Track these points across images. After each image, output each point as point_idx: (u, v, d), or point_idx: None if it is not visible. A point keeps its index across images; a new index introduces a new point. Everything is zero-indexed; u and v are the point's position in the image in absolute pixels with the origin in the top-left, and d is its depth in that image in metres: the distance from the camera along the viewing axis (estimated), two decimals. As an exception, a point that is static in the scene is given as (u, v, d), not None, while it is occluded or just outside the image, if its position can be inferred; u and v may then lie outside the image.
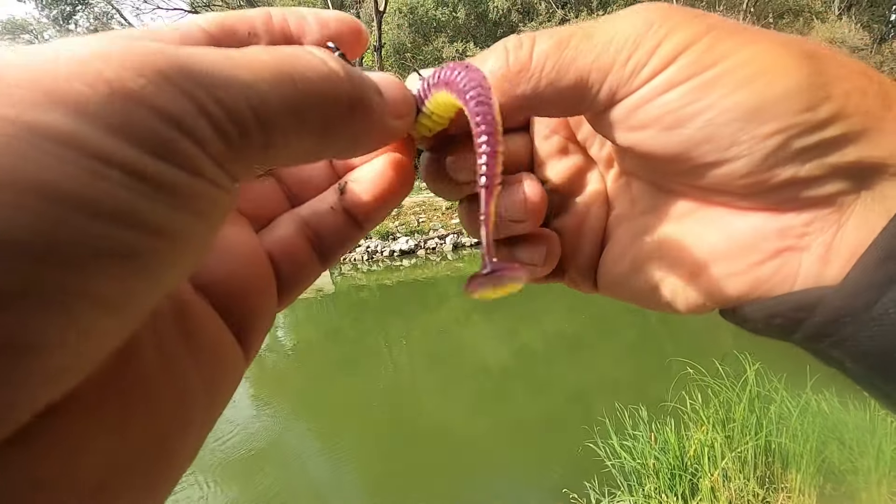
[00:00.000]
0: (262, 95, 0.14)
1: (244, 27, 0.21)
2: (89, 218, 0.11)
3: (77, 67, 0.12)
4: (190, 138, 0.13)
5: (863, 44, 26.15)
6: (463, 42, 21.48)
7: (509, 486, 4.37)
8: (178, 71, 0.13)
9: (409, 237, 15.00)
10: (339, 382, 7.13)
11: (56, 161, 0.10)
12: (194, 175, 0.13)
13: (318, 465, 5.11)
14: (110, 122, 0.11)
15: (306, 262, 0.24)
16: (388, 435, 5.51)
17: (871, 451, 2.72)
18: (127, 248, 0.11)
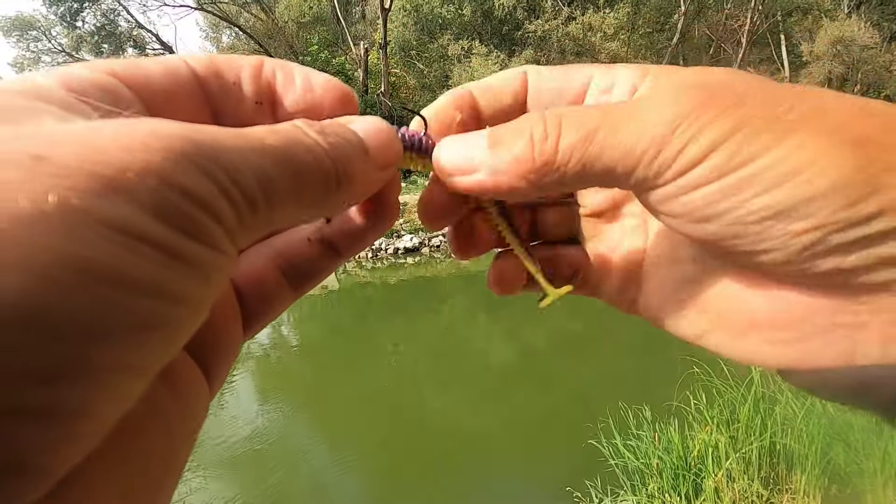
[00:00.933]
0: (269, 176, 0.16)
1: (231, 75, 0.22)
2: (129, 294, 0.12)
3: (126, 156, 0.13)
4: (211, 216, 0.14)
5: (872, 42, 25.88)
6: (468, 39, 21.42)
7: (512, 485, 4.37)
8: (203, 155, 0.14)
9: (413, 235, 15.01)
10: (343, 379, 7.14)
11: (107, 243, 0.12)
12: (213, 249, 0.14)
13: (322, 461, 5.12)
14: (151, 205, 0.13)
15: (277, 292, 0.24)
16: (391, 432, 5.52)
17: (878, 454, 2.70)
18: (159, 318, 0.13)
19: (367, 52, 23.69)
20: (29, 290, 0.10)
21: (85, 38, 24.12)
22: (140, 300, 0.12)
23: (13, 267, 0.10)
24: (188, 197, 0.13)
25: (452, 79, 20.72)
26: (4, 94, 0.15)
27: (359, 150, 0.21)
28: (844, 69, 26.53)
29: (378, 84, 23.51)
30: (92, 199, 0.12)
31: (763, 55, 35.26)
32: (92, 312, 0.11)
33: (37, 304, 0.10)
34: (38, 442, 0.11)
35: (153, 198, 0.13)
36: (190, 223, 0.13)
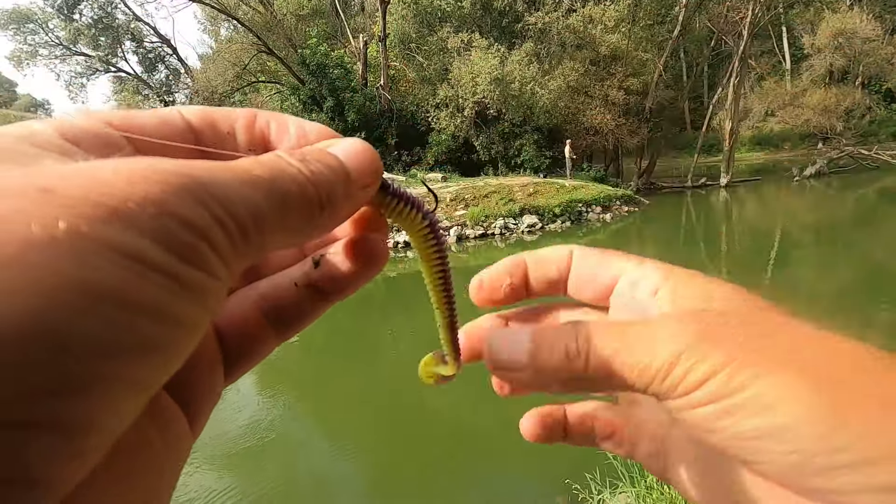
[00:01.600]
0: (258, 206, 0.17)
1: (226, 126, 0.23)
2: (133, 314, 0.13)
3: (127, 188, 0.14)
4: (208, 244, 0.15)
5: (874, 34, 25.75)
6: (468, 32, 21.28)
7: (512, 478, 4.40)
8: (198, 187, 0.15)
9: (413, 229, 14.95)
10: (342, 374, 7.17)
11: (113, 267, 0.13)
12: (209, 274, 0.15)
13: (321, 455, 5.15)
14: (152, 232, 0.14)
15: (260, 336, 0.24)
16: (391, 427, 5.55)
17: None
18: (160, 338, 0.14)
19: (367, 45, 23.56)
20: (41, 309, 0.11)
21: (82, 31, 23.99)
22: (143, 321, 0.13)
23: (26, 288, 0.11)
24: (186, 225, 0.14)
25: (452, 72, 20.62)
26: (5, 139, 0.16)
27: (340, 173, 0.21)
28: (846, 62, 26.39)
29: (377, 77, 23.40)
30: (98, 226, 0.13)
31: (764, 47, 35.08)
32: (99, 331, 0.12)
33: (48, 322, 0.11)
34: (48, 454, 0.11)
35: (154, 225, 0.14)
36: (188, 250, 0.15)
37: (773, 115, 28.30)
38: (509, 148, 21.24)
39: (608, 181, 20.51)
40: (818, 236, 14.18)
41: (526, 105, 19.95)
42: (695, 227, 16.74)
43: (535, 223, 15.85)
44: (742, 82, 22.43)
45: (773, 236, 14.34)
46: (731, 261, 12.31)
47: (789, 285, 9.87)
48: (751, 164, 31.32)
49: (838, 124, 25.25)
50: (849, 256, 11.66)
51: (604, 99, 21.11)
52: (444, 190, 16.66)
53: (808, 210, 18.43)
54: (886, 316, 7.54)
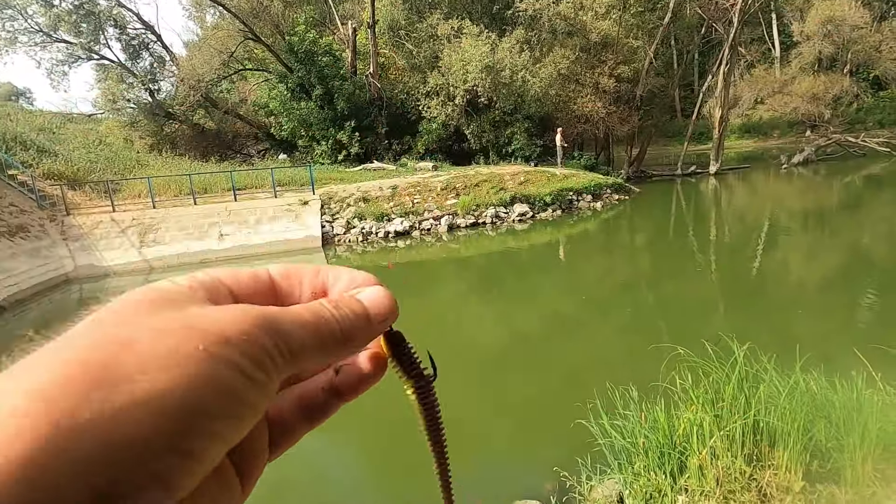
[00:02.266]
0: (304, 340, 0.26)
1: (297, 278, 0.32)
2: (230, 397, 0.22)
3: (232, 325, 0.23)
4: (270, 360, 0.24)
5: (863, 22, 25.84)
6: (458, 19, 21.03)
7: (503, 464, 4.43)
8: (271, 325, 0.25)
9: (403, 218, 14.95)
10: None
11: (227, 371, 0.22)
12: (270, 379, 0.24)
13: (312, 444, 5.15)
14: (244, 352, 0.23)
15: (295, 424, 0.32)
16: (384, 414, 5.55)
17: (857, 429, 2.76)
18: (241, 412, 0.23)
19: (356, 32, 23.20)
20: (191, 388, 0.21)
21: (62, 17, 23.38)
22: (234, 400, 0.22)
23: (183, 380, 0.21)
24: (261, 349, 0.24)
25: (442, 60, 20.41)
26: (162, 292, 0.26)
27: (362, 316, 0.30)
28: (834, 49, 26.46)
29: (367, 65, 23.10)
30: (217, 347, 0.22)
31: (754, 35, 35.07)
32: (214, 405, 0.21)
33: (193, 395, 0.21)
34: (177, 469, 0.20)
35: (244, 347, 0.23)
36: (261, 364, 0.23)
37: (763, 102, 28.42)
38: (500, 136, 21.13)
39: (599, 169, 20.52)
40: (805, 223, 14.33)
41: (517, 93, 19.82)
42: (684, 214, 16.83)
43: (525, 212, 15.84)
44: (732, 70, 22.44)
45: (761, 223, 14.47)
46: (720, 247, 12.41)
47: (777, 270, 9.98)
48: (740, 151, 31.47)
49: (826, 112, 25.42)
50: (835, 242, 11.80)
51: (594, 86, 21.03)
52: (434, 179, 16.57)
53: (796, 197, 18.60)
54: (871, 299, 7.66)
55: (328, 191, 15.65)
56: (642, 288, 9.59)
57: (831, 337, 5.76)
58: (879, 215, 14.43)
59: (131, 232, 13.40)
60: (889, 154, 22.89)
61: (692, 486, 2.73)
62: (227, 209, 14.20)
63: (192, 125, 25.80)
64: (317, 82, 20.99)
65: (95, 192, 15.63)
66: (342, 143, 21.23)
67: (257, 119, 26.46)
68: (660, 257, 11.95)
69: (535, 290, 10.04)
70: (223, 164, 20.63)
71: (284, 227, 14.16)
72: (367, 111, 22.15)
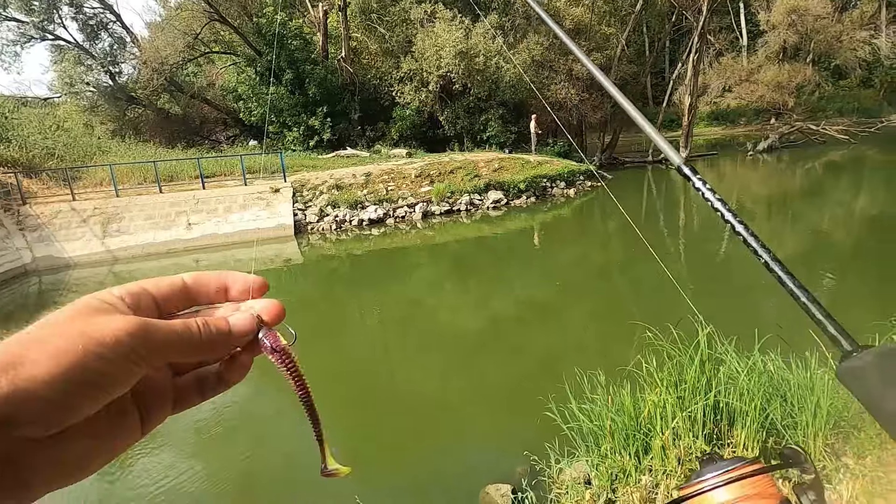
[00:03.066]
0: (170, 345, 0.35)
1: (205, 282, 0.42)
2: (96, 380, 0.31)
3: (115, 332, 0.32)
4: (134, 356, 0.32)
5: (825, 12, 26.55)
6: (432, 3, 20.72)
7: (475, 449, 4.49)
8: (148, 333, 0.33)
9: (377, 206, 14.82)
10: (309, 352, 7.08)
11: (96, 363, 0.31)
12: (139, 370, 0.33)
13: (289, 431, 5.12)
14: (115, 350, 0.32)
15: (191, 395, 0.42)
16: (359, 401, 5.56)
17: (809, 407, 2.90)
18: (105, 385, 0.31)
19: (327, 15, 22.61)
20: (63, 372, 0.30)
21: (13, -6, 22.05)
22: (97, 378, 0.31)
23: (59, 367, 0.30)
24: (125, 347, 0.32)
25: (416, 45, 20.11)
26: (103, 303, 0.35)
27: (223, 334, 0.38)
28: (798, 39, 27.16)
29: (338, 49, 22.58)
30: (91, 346, 0.31)
31: (723, 23, 35.69)
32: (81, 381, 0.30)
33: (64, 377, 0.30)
34: None
35: (112, 346, 0.31)
36: (124, 357, 0.32)
37: (730, 90, 29.01)
38: (475, 123, 21.05)
39: (572, 156, 20.70)
40: (769, 208, 14.81)
41: (491, 79, 19.73)
42: (655, 201, 17.17)
43: (500, 199, 15.89)
44: (701, 58, 22.81)
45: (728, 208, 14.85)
46: (689, 233, 12.74)
47: (742, 254, 10.31)
48: (708, 138, 32.19)
49: (790, 100, 26.15)
50: (796, 227, 12.25)
51: (568, 73, 21.10)
52: (408, 166, 16.44)
53: (761, 183, 19.18)
54: (829, 282, 8.00)
55: (300, 178, 15.35)
56: (614, 273, 9.79)
57: (789, 318, 6.00)
58: (836, 200, 15.03)
59: (93, 221, 12.90)
60: (847, 142, 23.78)
61: (656, 466, 2.82)
62: (195, 197, 13.79)
63: (157, 110, 24.84)
64: (287, 66, 20.45)
65: (53, 179, 14.95)
66: (314, 129, 20.80)
67: (225, 104, 25.66)
68: (631, 243, 12.20)
69: (509, 276, 10.13)
70: (190, 151, 19.97)
71: (255, 215, 13.86)
72: (339, 96, 21.73)
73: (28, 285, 11.28)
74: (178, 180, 15.40)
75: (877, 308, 5.18)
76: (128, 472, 4.45)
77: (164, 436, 4.97)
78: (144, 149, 19.50)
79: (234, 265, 12.35)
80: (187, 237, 13.14)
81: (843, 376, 0.26)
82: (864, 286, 7.52)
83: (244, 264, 12.39)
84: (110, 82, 23.77)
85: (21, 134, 17.48)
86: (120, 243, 12.76)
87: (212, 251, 13.01)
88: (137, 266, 12.29)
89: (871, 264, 8.82)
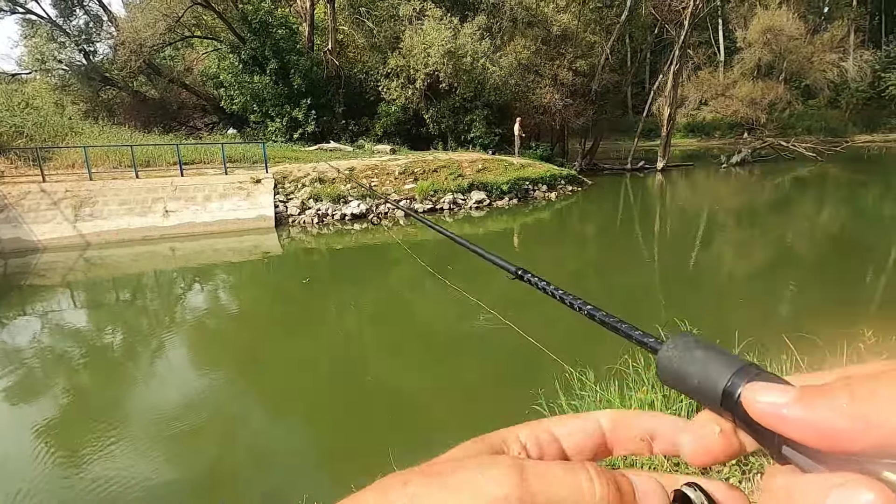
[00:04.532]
0: None
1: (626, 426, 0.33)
2: None
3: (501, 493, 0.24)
4: None
5: (798, 33, 27.65)
6: (420, 0, 20.72)
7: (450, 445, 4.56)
8: None
9: (360, 201, 14.75)
10: (285, 346, 7.05)
11: None
12: None
13: (264, 426, 5.10)
14: None
15: None
16: (336, 396, 5.55)
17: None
18: None
19: (314, 6, 22.35)
20: None
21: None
22: None
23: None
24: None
25: (404, 41, 20.07)
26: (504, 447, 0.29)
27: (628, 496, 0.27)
28: (772, 57, 28.22)
29: (325, 41, 22.34)
30: None
31: (702, 38, 36.74)
32: None
33: None
34: None
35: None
36: None
37: (707, 104, 29.91)
38: (459, 123, 21.14)
39: (554, 160, 21.01)
40: (739, 220, 15.37)
41: (477, 80, 19.85)
42: (632, 207, 17.60)
43: (483, 199, 16.03)
44: (681, 71, 23.46)
45: (700, 219, 15.37)
46: (663, 240, 13.12)
47: (711, 264, 10.69)
48: (684, 150, 33.10)
49: (762, 116, 27.14)
50: (763, 239, 12.76)
51: (553, 78, 21.40)
52: (392, 163, 16.40)
53: (732, 195, 19.86)
54: (792, 293, 8.39)
55: (282, 169, 15.16)
56: (593, 276, 10.02)
57: (765, 324, 6.28)
58: (803, 213, 15.71)
59: (65, 204, 12.47)
60: (814, 159, 24.82)
61: (642, 464, 2.95)
62: (172, 184, 13.47)
63: (133, 92, 24.12)
64: (272, 55, 20.13)
65: (22, 159, 14.37)
66: (298, 120, 20.55)
67: (205, 90, 25.06)
68: (609, 247, 12.48)
69: (489, 275, 10.25)
70: (167, 137, 19.46)
71: (235, 205, 13.63)
72: (324, 89, 21.51)
73: (-7, 268, 10.84)
74: (154, 166, 15.01)
75: (838, 317, 5.47)
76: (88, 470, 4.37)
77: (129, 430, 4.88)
78: (119, 132, 18.92)
79: (213, 254, 12.14)
80: (164, 225, 12.83)
81: (659, 372, 0.29)
82: (825, 296, 7.90)
83: (222, 254, 12.19)
84: (84, 61, 22.97)
85: (-13, 110, 16.75)
86: (93, 228, 12.37)
87: (189, 240, 12.75)
88: (111, 252, 11.94)
89: (831, 275, 9.28)
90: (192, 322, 8.34)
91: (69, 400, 5.62)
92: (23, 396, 5.71)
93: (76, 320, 8.54)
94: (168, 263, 11.64)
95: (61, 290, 9.83)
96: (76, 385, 6.05)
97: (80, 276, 10.77)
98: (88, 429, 4.84)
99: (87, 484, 4.08)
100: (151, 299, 9.62)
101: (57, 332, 7.83)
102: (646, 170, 23.67)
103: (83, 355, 6.85)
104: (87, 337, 7.65)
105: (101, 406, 5.43)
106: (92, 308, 9.19)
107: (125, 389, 5.83)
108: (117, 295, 9.83)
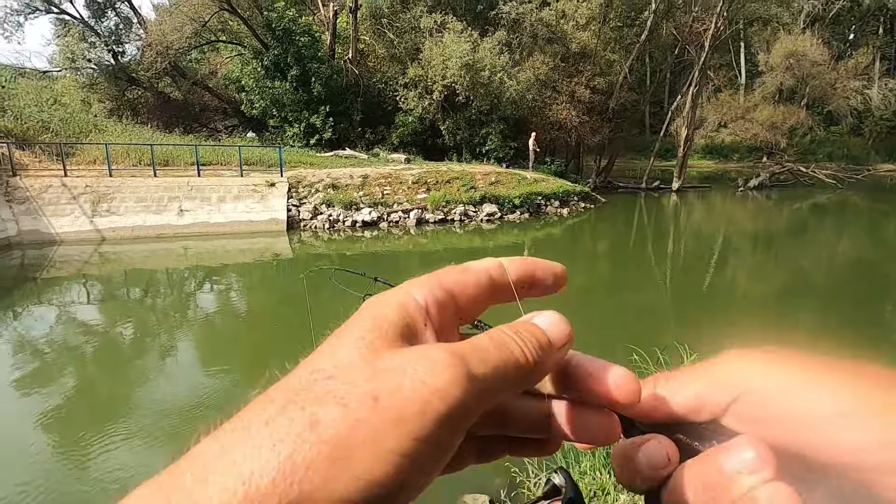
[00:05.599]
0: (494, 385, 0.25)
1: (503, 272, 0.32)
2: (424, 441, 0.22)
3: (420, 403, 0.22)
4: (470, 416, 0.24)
5: (822, 59, 27.38)
6: (442, 13, 20.97)
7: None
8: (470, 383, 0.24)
9: (372, 208, 14.84)
10: (293, 347, 7.05)
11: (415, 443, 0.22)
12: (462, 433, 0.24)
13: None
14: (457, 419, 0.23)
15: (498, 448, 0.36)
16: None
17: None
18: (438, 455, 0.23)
19: (336, 15, 22.74)
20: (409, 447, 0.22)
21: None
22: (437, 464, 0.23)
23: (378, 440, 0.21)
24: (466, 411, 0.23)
25: (423, 52, 20.30)
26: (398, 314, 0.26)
27: (545, 343, 0.28)
28: (794, 82, 27.95)
29: (346, 50, 22.69)
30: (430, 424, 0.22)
31: (723, 61, 36.56)
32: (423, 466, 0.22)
33: None
34: None
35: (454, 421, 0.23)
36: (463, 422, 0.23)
37: (726, 126, 29.67)
38: (475, 135, 21.24)
39: (568, 176, 20.96)
40: (755, 244, 15.13)
41: (494, 94, 19.96)
42: (645, 227, 17.43)
43: (494, 212, 16.01)
44: (700, 92, 23.34)
45: (715, 241, 15.16)
46: (676, 262, 12.95)
47: (724, 287, 10.51)
48: (701, 171, 32.82)
49: (782, 141, 26.81)
50: (779, 264, 12.53)
51: (570, 95, 21.42)
52: (406, 172, 16.51)
53: (749, 219, 19.58)
54: (808, 317, 8.21)
55: (297, 174, 15.33)
56: (602, 293, 9.91)
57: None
58: (820, 241, 15.41)
59: (84, 199, 12.75)
60: (834, 186, 24.42)
61: (634, 486, 2.88)
62: (188, 184, 13.71)
63: (157, 93, 24.68)
64: (293, 62, 20.48)
65: (46, 153, 14.75)
66: (315, 126, 20.82)
67: (227, 94, 25.56)
68: (620, 265, 12.35)
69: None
70: (188, 137, 19.84)
71: (249, 207, 13.80)
72: (342, 97, 21.79)
73: (10, 258, 11.08)
74: (173, 165, 15.29)
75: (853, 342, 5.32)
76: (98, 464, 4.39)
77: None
78: (141, 131, 19.35)
79: (224, 255, 12.27)
80: (178, 223, 13.03)
81: None
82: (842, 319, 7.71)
83: (234, 255, 12.31)
84: (112, 61, 23.58)
85: (17, 105, 17.25)
86: (109, 223, 12.61)
87: (202, 240, 12.91)
88: (125, 248, 12.15)
89: (846, 302, 9.05)
90: (201, 319, 8.42)
91: (79, 390, 5.70)
92: (33, 385, 5.79)
93: (89, 313, 8.67)
94: (180, 262, 11.80)
95: (76, 282, 10.01)
96: (86, 376, 6.13)
97: (94, 270, 10.96)
98: (98, 419, 4.89)
99: (99, 473, 4.11)
100: (164, 296, 9.74)
101: (70, 323, 7.96)
102: (661, 190, 23.48)
103: (94, 347, 6.96)
104: (98, 329, 7.76)
105: (110, 397, 5.48)
106: (104, 301, 9.33)
107: (135, 382, 5.89)
108: (128, 290, 9.97)
